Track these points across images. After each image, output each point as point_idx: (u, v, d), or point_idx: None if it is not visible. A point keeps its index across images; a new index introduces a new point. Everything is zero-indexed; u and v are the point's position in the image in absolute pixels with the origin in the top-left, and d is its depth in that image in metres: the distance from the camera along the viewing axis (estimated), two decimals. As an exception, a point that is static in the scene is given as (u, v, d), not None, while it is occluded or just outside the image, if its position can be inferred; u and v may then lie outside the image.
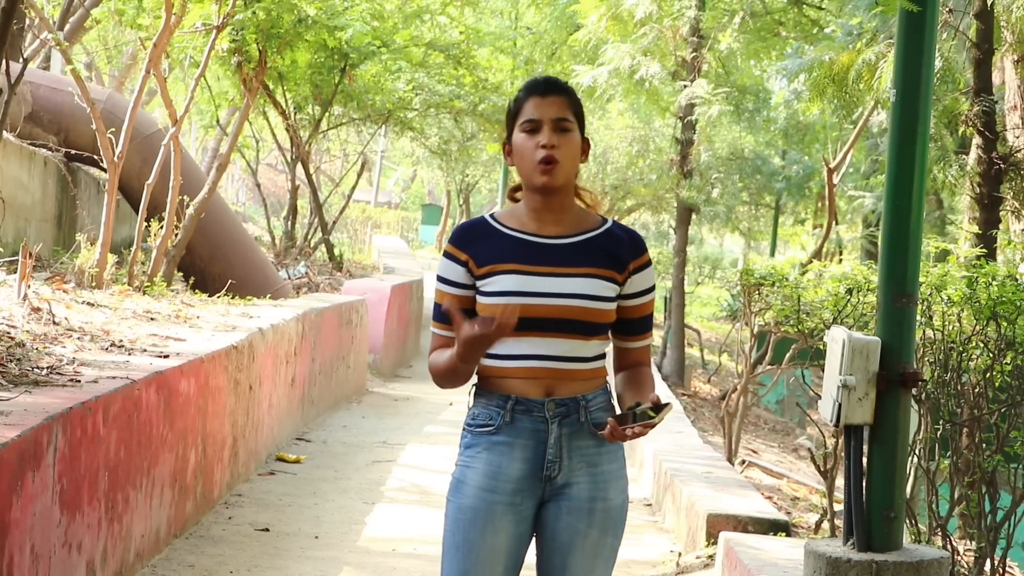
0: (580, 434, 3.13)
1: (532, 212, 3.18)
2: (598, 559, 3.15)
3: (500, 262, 3.12)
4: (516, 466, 3.11)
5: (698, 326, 24.15)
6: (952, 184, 8.74)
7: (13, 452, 3.90)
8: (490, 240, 3.16)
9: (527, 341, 3.10)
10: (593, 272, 3.13)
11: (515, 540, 3.13)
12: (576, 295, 3.10)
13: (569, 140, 3.13)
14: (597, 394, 3.17)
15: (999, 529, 5.23)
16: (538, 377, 3.11)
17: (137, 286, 8.99)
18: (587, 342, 3.13)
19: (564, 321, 3.09)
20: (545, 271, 3.11)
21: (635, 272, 3.19)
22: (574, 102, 3.18)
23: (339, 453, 9.04)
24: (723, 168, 20.68)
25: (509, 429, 3.12)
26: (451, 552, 3.13)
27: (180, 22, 9.33)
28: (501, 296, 3.09)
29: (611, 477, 3.17)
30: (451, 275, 3.17)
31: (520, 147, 3.14)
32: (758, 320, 8.27)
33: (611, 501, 3.16)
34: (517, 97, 3.19)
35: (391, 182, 51.80)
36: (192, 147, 33.76)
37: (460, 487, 3.14)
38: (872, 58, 8.44)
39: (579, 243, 3.16)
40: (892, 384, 4.40)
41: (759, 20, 15.16)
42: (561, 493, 3.14)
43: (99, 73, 25.61)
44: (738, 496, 7.00)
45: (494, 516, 3.10)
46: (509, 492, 3.11)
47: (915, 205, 4.45)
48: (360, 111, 18.31)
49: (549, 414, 3.11)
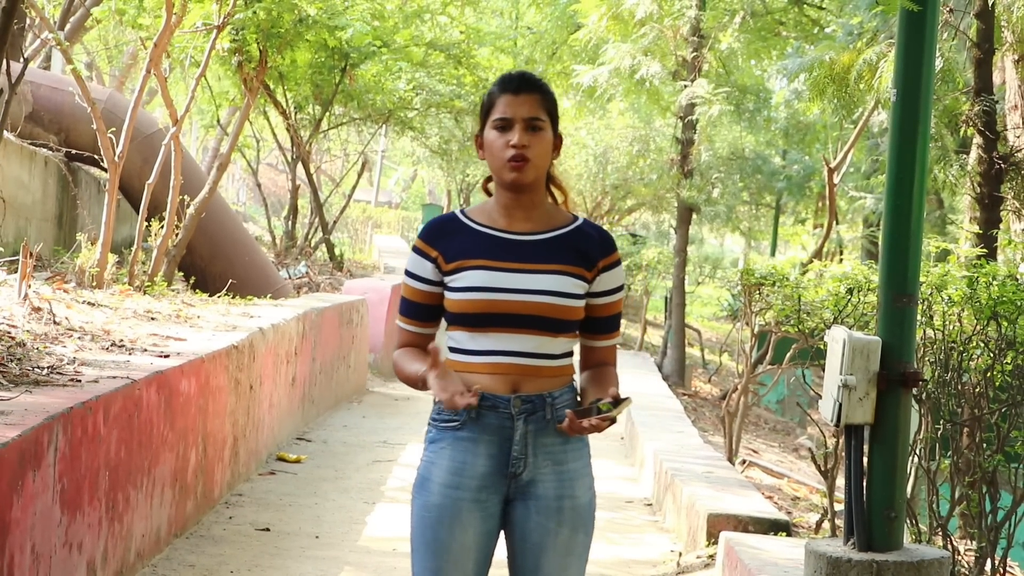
0: (546, 431, 3.13)
1: (502, 208, 3.19)
2: (571, 557, 3.15)
3: (469, 258, 3.12)
4: (481, 462, 3.11)
5: (699, 326, 24.15)
6: (953, 184, 8.75)
7: (14, 452, 3.90)
8: (460, 236, 3.16)
9: (495, 336, 3.10)
10: (562, 269, 3.13)
11: (484, 536, 3.13)
12: (545, 291, 3.10)
13: (540, 139, 3.14)
14: (563, 391, 3.16)
15: (1000, 529, 5.23)
16: (505, 373, 3.10)
17: (138, 286, 8.99)
18: (554, 339, 3.13)
19: (532, 317, 3.09)
20: (514, 267, 3.12)
21: (604, 270, 3.19)
22: (547, 100, 3.17)
23: (340, 453, 9.04)
24: (724, 168, 20.68)
25: (474, 425, 3.11)
26: (421, 550, 3.12)
27: (181, 22, 9.33)
28: (469, 292, 3.10)
29: (577, 475, 3.17)
30: (419, 271, 3.18)
31: (491, 144, 3.14)
32: (759, 320, 8.26)
33: (579, 499, 3.16)
34: (490, 92, 3.18)
35: (392, 182, 51.80)
36: (193, 147, 33.75)
37: (425, 484, 3.14)
38: (873, 58, 8.44)
39: (549, 240, 3.17)
40: (893, 384, 4.39)
41: (760, 20, 15.17)
42: (527, 491, 3.14)
43: (100, 73, 25.61)
44: (739, 496, 7.01)
45: (461, 513, 3.10)
46: (474, 489, 3.11)
47: (916, 205, 4.45)
48: (360, 111, 18.31)
49: (515, 411, 3.11)
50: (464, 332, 3.12)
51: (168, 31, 9.06)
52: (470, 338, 3.11)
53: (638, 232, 29.05)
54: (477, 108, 19.36)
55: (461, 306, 3.10)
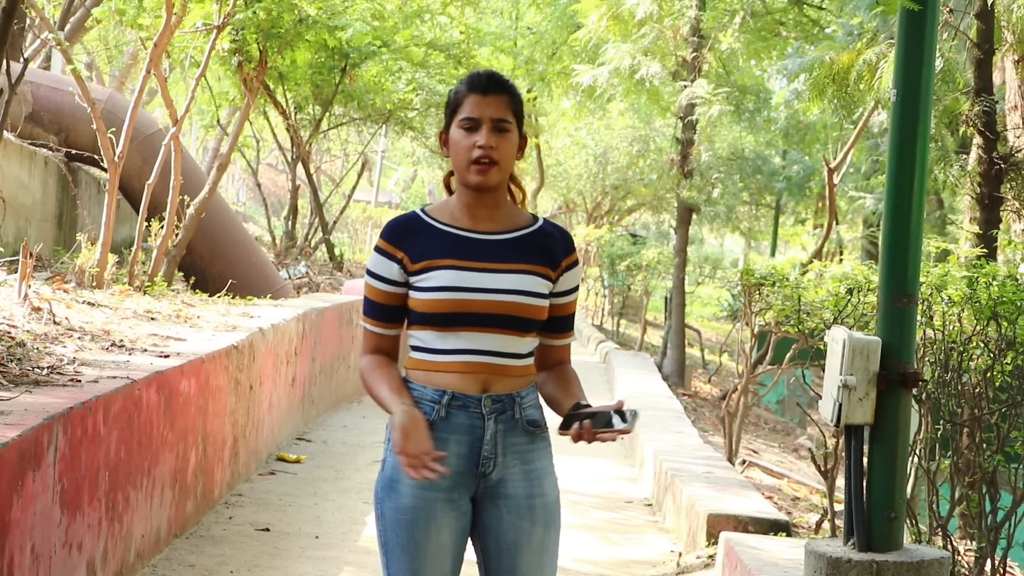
0: (514, 431, 3.14)
1: (465, 208, 3.18)
2: (545, 555, 3.16)
3: (436, 257, 3.12)
4: (451, 462, 3.09)
5: (698, 326, 24.14)
6: (953, 184, 8.74)
7: (14, 452, 3.90)
8: (424, 235, 3.15)
9: (464, 336, 3.10)
10: (529, 269, 3.14)
11: (458, 535, 3.14)
12: (513, 291, 3.11)
13: (506, 141, 3.13)
14: (529, 391, 3.18)
15: (1000, 529, 5.23)
16: (474, 372, 3.11)
17: (138, 286, 8.99)
18: (522, 338, 3.14)
19: (501, 317, 3.10)
20: (482, 267, 3.12)
21: (567, 270, 3.21)
22: (515, 101, 3.17)
23: (340, 453, 9.04)
24: (724, 168, 20.70)
25: (443, 424, 3.10)
26: (397, 553, 3.10)
27: (181, 22, 9.33)
28: (439, 291, 3.09)
29: (544, 473, 3.18)
30: (384, 271, 3.16)
31: (456, 143, 3.14)
32: (758, 320, 8.26)
33: (548, 496, 3.18)
34: (457, 90, 3.17)
35: (392, 182, 51.80)
36: (193, 147, 33.75)
37: (394, 486, 3.11)
38: (873, 58, 8.43)
39: (514, 239, 3.18)
40: (892, 384, 4.40)
41: (760, 20, 15.16)
42: (496, 491, 3.14)
43: (100, 73, 25.61)
44: (739, 496, 7.01)
45: (436, 514, 3.09)
46: (446, 488, 3.10)
47: (916, 205, 4.45)
48: (360, 111, 18.32)
49: (486, 410, 3.11)
50: (432, 332, 3.12)
51: (168, 31, 9.06)
52: (438, 337, 3.11)
53: (638, 232, 29.06)
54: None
55: (429, 306, 3.10)
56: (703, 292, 32.57)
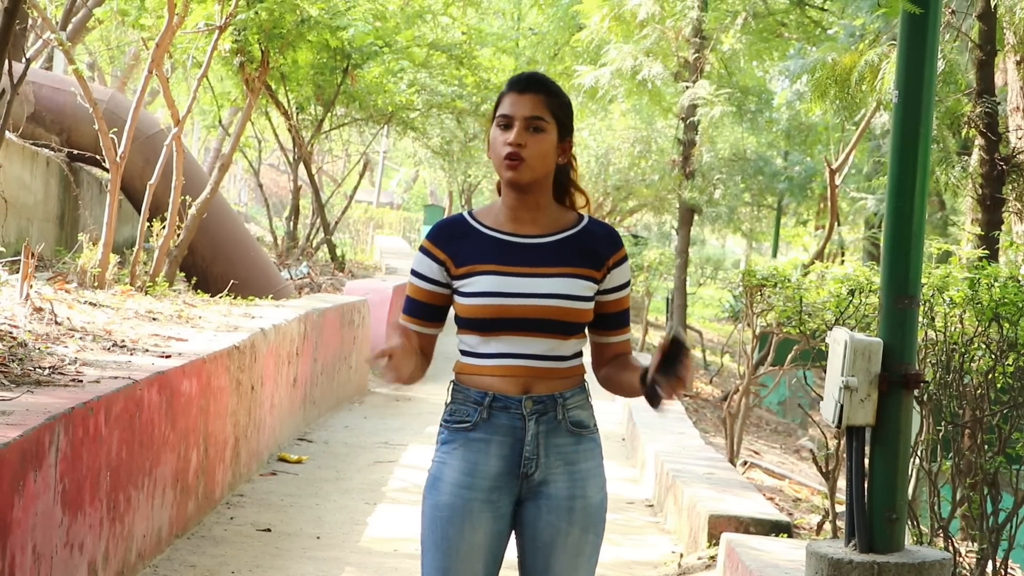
0: (557, 432, 3.14)
1: (509, 210, 3.19)
2: (580, 557, 3.16)
3: (478, 263, 3.14)
4: (493, 463, 3.11)
5: (700, 327, 24.14)
6: (954, 185, 8.73)
7: (15, 452, 3.90)
8: (468, 239, 3.17)
9: (505, 340, 3.11)
10: (571, 272, 3.14)
11: (494, 537, 3.13)
12: (554, 295, 3.11)
13: (540, 140, 3.13)
14: (575, 392, 3.17)
15: (1001, 531, 5.23)
16: (515, 375, 3.12)
17: (139, 286, 9.00)
18: (565, 341, 3.14)
19: (542, 321, 3.10)
20: (523, 271, 3.12)
21: (613, 267, 3.20)
22: (553, 101, 3.16)
23: (341, 453, 9.04)
24: (725, 169, 20.68)
25: (486, 426, 3.12)
26: (431, 550, 3.13)
27: (183, 22, 9.33)
28: (480, 297, 3.11)
29: (589, 475, 3.18)
30: (426, 271, 3.19)
31: (492, 141, 3.16)
32: (760, 321, 8.26)
33: (590, 499, 3.18)
34: (502, 91, 3.20)
35: (393, 183, 51.82)
36: (194, 147, 33.77)
37: (436, 484, 3.14)
38: (875, 59, 8.43)
39: (556, 242, 3.17)
40: (894, 385, 4.39)
41: (761, 21, 15.16)
42: (539, 491, 3.14)
43: (102, 73, 25.63)
44: (740, 497, 7.00)
45: (472, 513, 3.10)
46: (486, 489, 3.11)
47: (917, 206, 4.45)
48: (362, 111, 18.33)
49: (526, 411, 3.12)
50: (475, 336, 3.14)
51: (170, 32, 9.06)
52: (482, 342, 3.13)
53: (640, 233, 29.05)
54: (479, 109, 19.42)
55: (472, 311, 3.11)
56: (705, 293, 32.58)
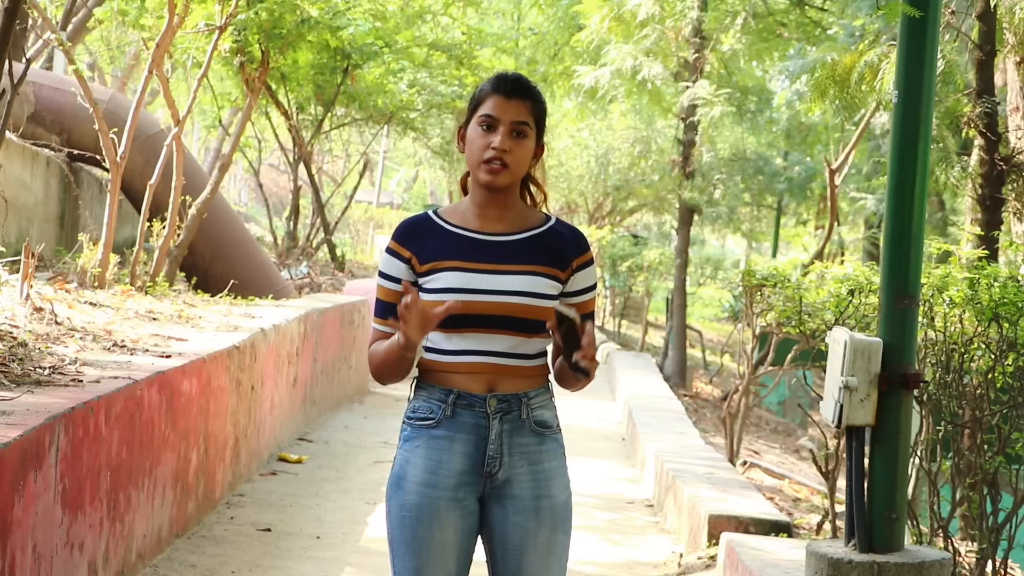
0: (521, 431, 3.15)
1: (476, 207, 3.20)
2: (552, 556, 3.16)
3: (442, 259, 3.14)
4: (456, 460, 3.12)
5: (700, 327, 24.14)
6: (954, 186, 8.73)
7: (15, 452, 3.91)
8: (433, 237, 3.18)
9: (470, 337, 3.12)
10: (535, 270, 3.15)
11: (463, 534, 3.14)
12: (517, 292, 3.12)
13: (522, 145, 3.14)
14: (539, 391, 3.18)
15: (1001, 530, 5.23)
16: (480, 372, 3.12)
17: (139, 286, 9.00)
18: (529, 339, 3.14)
19: (505, 318, 3.11)
20: (487, 268, 3.13)
21: (578, 269, 3.21)
22: (537, 107, 3.18)
23: (341, 453, 9.04)
24: (725, 169, 20.68)
25: (449, 423, 3.13)
26: (401, 550, 3.13)
27: (183, 22, 9.33)
28: (443, 293, 3.11)
29: (552, 475, 3.18)
30: (393, 271, 3.19)
31: (472, 140, 3.16)
32: (760, 321, 8.26)
33: (555, 498, 3.17)
34: (482, 88, 3.19)
35: (393, 182, 51.80)
36: (195, 147, 33.76)
37: (401, 483, 3.14)
38: (874, 59, 8.43)
39: (522, 240, 3.18)
40: (894, 385, 4.40)
41: (761, 21, 15.15)
42: (503, 492, 3.14)
43: (102, 73, 25.62)
44: (740, 497, 7.01)
45: (439, 512, 3.11)
46: (451, 487, 3.12)
47: (917, 207, 4.45)
48: (362, 111, 18.32)
49: (491, 410, 3.12)
50: (439, 332, 3.14)
51: (170, 32, 9.06)
52: (446, 339, 3.14)
53: (639, 233, 29.06)
54: (478, 109, 19.47)
55: (436, 307, 3.10)
56: (704, 293, 32.57)
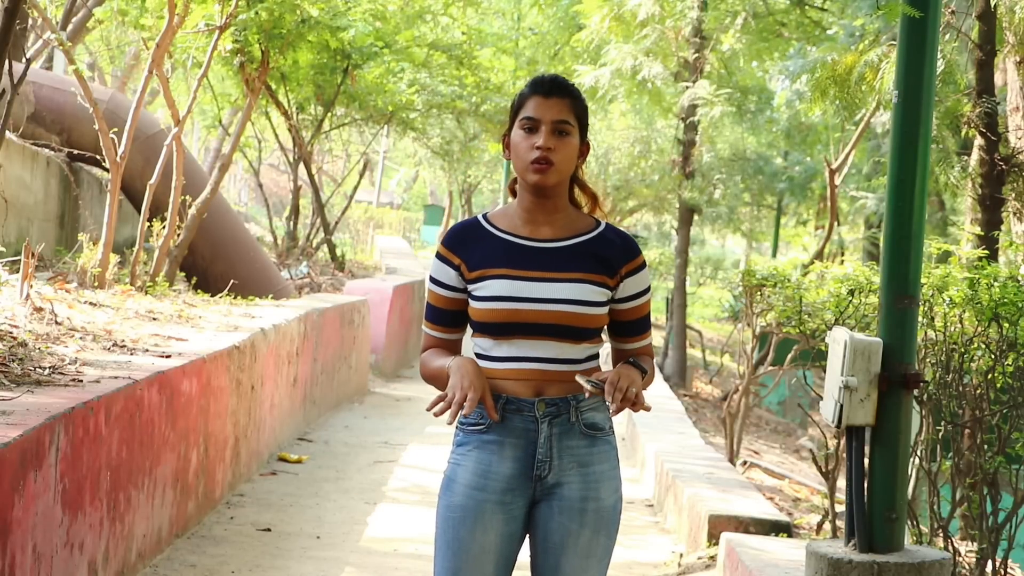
0: (571, 434, 3.15)
1: (525, 212, 3.20)
2: (591, 559, 3.16)
3: (491, 267, 3.14)
4: (506, 465, 3.13)
5: (700, 327, 24.14)
6: (954, 185, 8.73)
7: (15, 452, 3.91)
8: (482, 243, 3.18)
9: (517, 344, 3.13)
10: (583, 277, 3.14)
11: (505, 539, 3.14)
12: (566, 300, 3.11)
13: (566, 143, 3.14)
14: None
15: (1001, 530, 5.23)
16: (528, 379, 3.13)
17: (139, 286, 9.00)
18: (576, 345, 3.15)
19: (554, 326, 3.11)
20: (535, 276, 3.13)
21: (628, 276, 3.19)
22: (577, 105, 3.18)
23: (341, 453, 9.05)
24: (725, 169, 20.66)
25: (499, 428, 3.13)
26: (442, 550, 3.14)
27: (183, 22, 9.33)
28: (492, 301, 3.12)
29: (603, 477, 3.18)
30: (443, 277, 3.21)
31: (517, 144, 3.16)
32: (760, 321, 8.26)
33: (603, 501, 3.17)
34: (522, 93, 3.20)
35: (393, 182, 51.83)
36: (195, 147, 33.77)
37: (451, 485, 3.16)
38: (875, 59, 8.42)
39: (570, 247, 3.18)
40: (894, 385, 4.40)
41: (761, 21, 15.16)
42: (552, 493, 3.15)
43: (102, 73, 25.63)
44: (740, 497, 7.01)
45: (484, 515, 3.11)
46: (499, 491, 3.12)
47: (917, 206, 4.45)
48: (362, 112, 18.32)
49: (539, 414, 3.12)
50: (488, 339, 3.16)
51: (170, 32, 9.06)
52: (494, 345, 3.15)
53: (639, 233, 29.07)
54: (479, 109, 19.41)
55: (484, 315, 3.13)
56: (704, 293, 32.60)
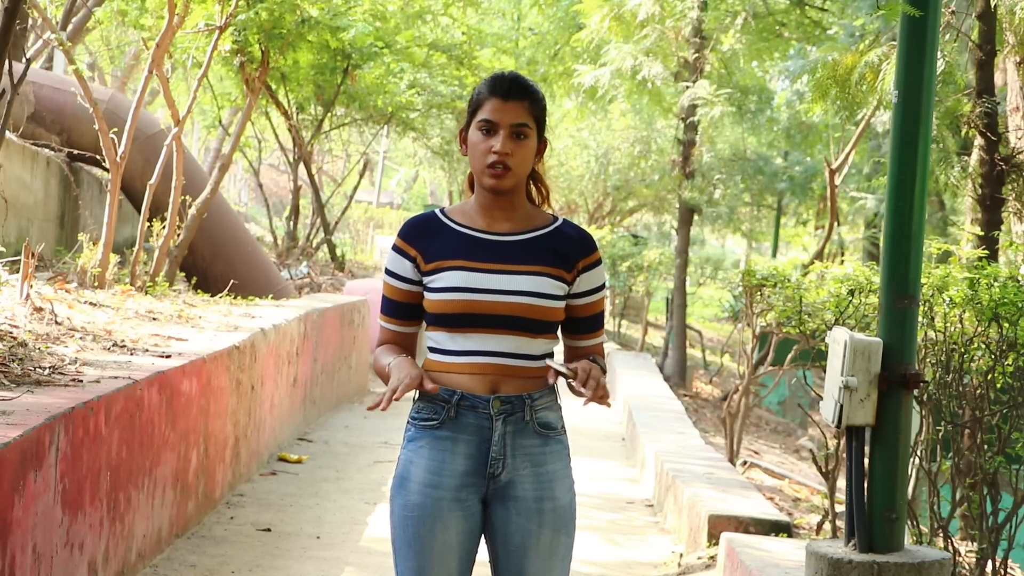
0: (524, 433, 3.14)
1: (482, 208, 3.20)
2: (554, 559, 3.16)
3: (447, 258, 3.14)
4: (460, 461, 3.12)
5: (700, 327, 24.14)
6: (954, 185, 8.73)
7: (15, 452, 3.91)
8: (439, 236, 3.18)
9: (474, 337, 3.11)
10: (540, 270, 3.14)
11: (466, 535, 3.13)
12: (522, 292, 3.11)
13: (524, 146, 3.14)
14: (543, 393, 3.17)
15: (1000, 530, 5.23)
16: (484, 373, 3.12)
17: (139, 286, 9.00)
18: (534, 340, 3.14)
19: (510, 318, 3.10)
20: (492, 268, 3.13)
21: (584, 271, 3.20)
22: (536, 107, 3.16)
23: (341, 453, 9.05)
24: (725, 169, 20.67)
25: (453, 424, 3.12)
26: (403, 551, 3.13)
27: (183, 22, 9.33)
28: (448, 292, 3.11)
29: (556, 476, 3.17)
30: (399, 269, 3.20)
31: (474, 145, 3.15)
32: (760, 321, 8.26)
33: (559, 500, 3.16)
34: (479, 90, 3.18)
35: (393, 182, 51.81)
36: (195, 147, 33.76)
37: (404, 484, 3.15)
38: (875, 59, 8.42)
39: (528, 240, 3.17)
40: (894, 385, 4.40)
41: (761, 21, 15.15)
42: (506, 493, 3.14)
43: (102, 73, 25.62)
44: (740, 497, 7.01)
45: (442, 512, 3.11)
46: (454, 488, 3.11)
47: (917, 206, 4.45)
48: (362, 112, 18.33)
49: (494, 411, 3.12)
50: (443, 332, 3.14)
51: (170, 32, 9.06)
52: (449, 338, 3.13)
53: (639, 233, 29.05)
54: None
55: (439, 306, 3.12)
56: (704, 293, 32.57)
